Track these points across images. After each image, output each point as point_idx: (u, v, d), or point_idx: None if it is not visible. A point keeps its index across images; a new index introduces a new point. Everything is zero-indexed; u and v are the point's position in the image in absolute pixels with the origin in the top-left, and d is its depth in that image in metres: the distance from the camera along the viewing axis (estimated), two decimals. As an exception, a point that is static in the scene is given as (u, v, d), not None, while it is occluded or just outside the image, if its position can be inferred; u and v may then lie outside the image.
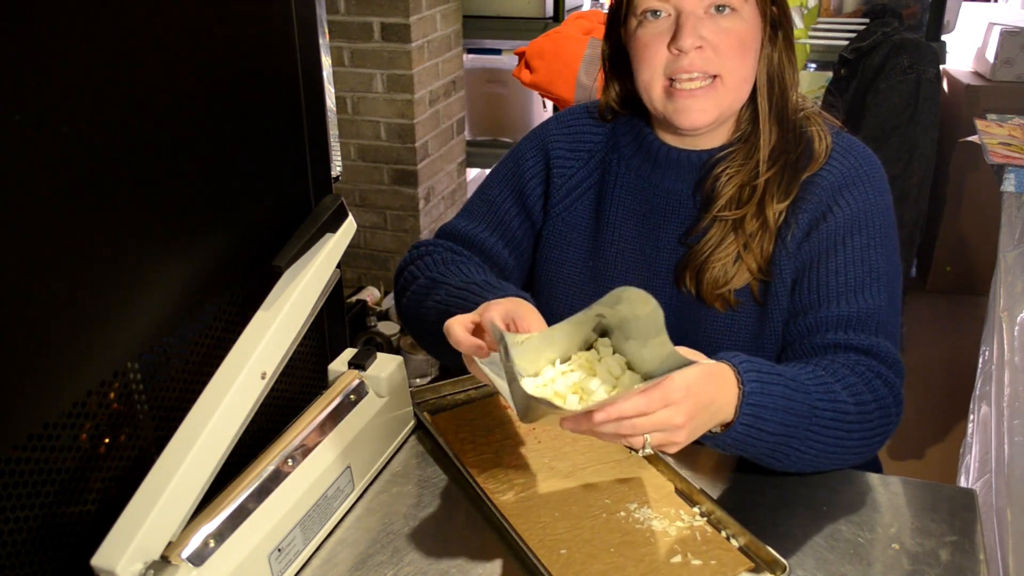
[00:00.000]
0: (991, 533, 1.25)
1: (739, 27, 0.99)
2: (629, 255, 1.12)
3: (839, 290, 1.01)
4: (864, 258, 1.02)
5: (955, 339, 1.03)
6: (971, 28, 3.27)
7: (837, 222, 1.02)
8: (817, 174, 1.04)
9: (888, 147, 2.79)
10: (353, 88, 2.82)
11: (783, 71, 1.06)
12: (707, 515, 0.91)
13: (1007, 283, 1.81)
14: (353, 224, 0.98)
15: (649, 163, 1.11)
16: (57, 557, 0.77)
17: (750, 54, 1.02)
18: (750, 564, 0.85)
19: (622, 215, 1.12)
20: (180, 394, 0.89)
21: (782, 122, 1.05)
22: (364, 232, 3.00)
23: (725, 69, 1.00)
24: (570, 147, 1.17)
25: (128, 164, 0.79)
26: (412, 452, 1.06)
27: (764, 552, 0.85)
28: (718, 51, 0.99)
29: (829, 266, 1.02)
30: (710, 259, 1.04)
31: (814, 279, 1.02)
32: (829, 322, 1.00)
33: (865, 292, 1.00)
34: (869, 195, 1.04)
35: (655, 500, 0.94)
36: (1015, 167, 2.12)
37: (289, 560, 0.86)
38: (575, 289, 1.15)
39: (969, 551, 0.87)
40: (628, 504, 0.93)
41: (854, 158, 1.06)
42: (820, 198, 1.03)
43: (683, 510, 0.93)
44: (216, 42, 0.88)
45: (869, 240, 1.02)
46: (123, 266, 0.80)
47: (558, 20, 3.26)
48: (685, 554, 0.86)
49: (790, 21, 1.05)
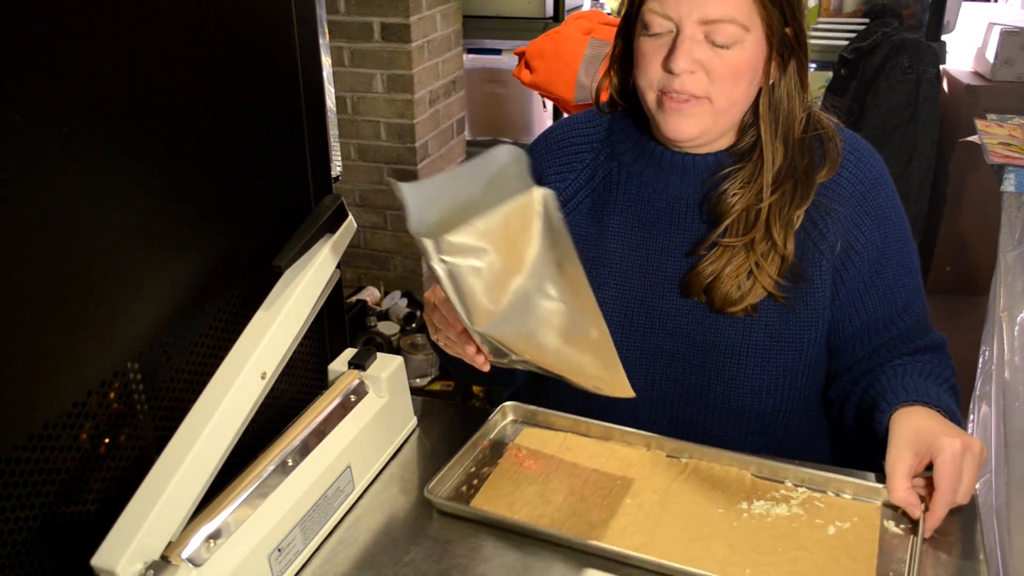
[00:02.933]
0: (991, 533, 1.25)
1: (737, 56, 0.98)
2: (634, 263, 1.10)
3: (900, 306, 1.07)
4: (906, 265, 1.08)
5: (955, 339, 1.03)
6: (971, 28, 3.27)
7: (872, 235, 1.05)
8: (835, 180, 1.05)
9: (888, 147, 2.79)
10: (353, 88, 2.82)
11: (791, 99, 1.03)
12: (801, 483, 0.94)
13: (1007, 283, 1.81)
14: (353, 224, 0.98)
15: (652, 168, 1.10)
16: (57, 557, 0.77)
17: (745, 81, 1.00)
18: (878, 507, 0.91)
19: (626, 222, 1.10)
20: (180, 394, 0.89)
21: (788, 144, 1.04)
22: (364, 232, 3.00)
23: (717, 93, 0.99)
24: (561, 160, 1.16)
25: (128, 164, 0.79)
26: (412, 452, 1.06)
27: (876, 492, 0.92)
28: (712, 76, 0.98)
29: (884, 284, 1.06)
30: (720, 277, 1.03)
31: (874, 300, 1.06)
32: (898, 339, 1.07)
33: (917, 297, 1.08)
34: (887, 197, 1.07)
35: (751, 491, 0.94)
36: (1015, 167, 2.12)
37: (289, 560, 0.86)
38: None
39: (969, 551, 0.87)
40: (738, 505, 0.92)
41: (865, 161, 1.07)
42: (844, 208, 1.04)
43: (782, 489, 0.94)
44: (216, 42, 0.88)
45: (900, 243, 1.07)
46: (123, 266, 0.80)
47: (558, 20, 3.26)
48: (831, 523, 0.89)
49: (805, 47, 1.02)
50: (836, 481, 0.93)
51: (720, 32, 0.96)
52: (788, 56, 1.02)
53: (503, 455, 1.02)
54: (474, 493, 0.95)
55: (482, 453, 1.03)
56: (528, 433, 1.06)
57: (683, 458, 0.99)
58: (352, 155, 2.91)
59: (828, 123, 1.07)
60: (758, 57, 0.99)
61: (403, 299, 2.99)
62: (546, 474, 0.98)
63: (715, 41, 0.97)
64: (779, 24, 0.99)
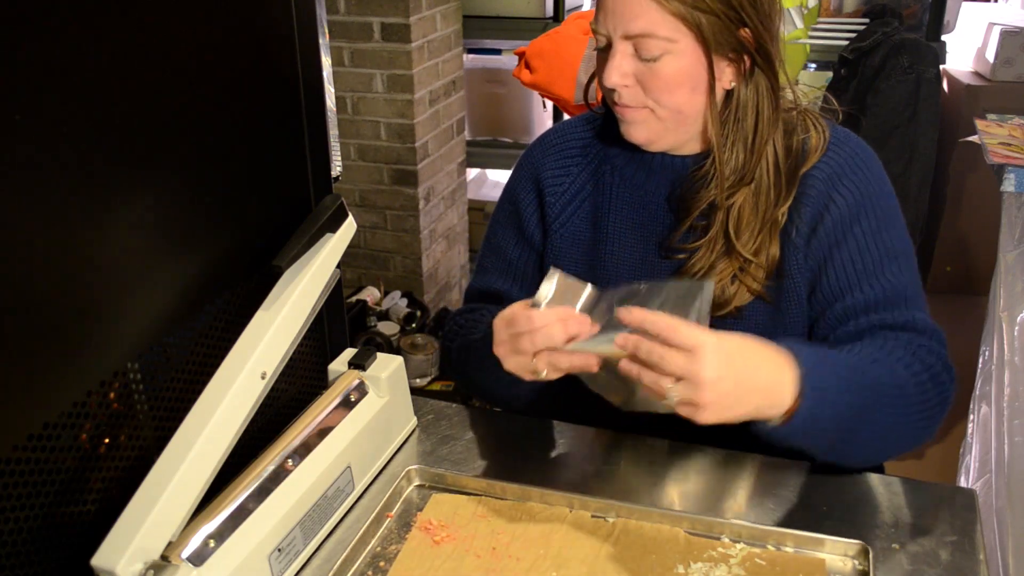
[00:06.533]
0: (991, 533, 1.25)
1: (668, 67, 0.95)
2: (629, 265, 1.10)
3: (860, 275, 1.00)
4: (876, 240, 1.01)
5: (955, 339, 1.02)
6: (971, 28, 3.27)
7: (840, 212, 1.01)
8: (814, 167, 1.03)
9: (888, 147, 2.79)
10: (353, 88, 2.82)
11: (760, 101, 0.99)
12: (739, 539, 0.89)
13: (1007, 283, 1.81)
14: (353, 224, 0.98)
15: (643, 171, 1.09)
16: (57, 557, 0.77)
17: (684, 90, 0.97)
18: (823, 560, 0.86)
19: (621, 225, 1.11)
20: (180, 394, 0.89)
21: (754, 146, 1.01)
22: (364, 232, 2.99)
23: (655, 103, 0.99)
24: (558, 163, 1.16)
25: (128, 164, 0.79)
26: (412, 452, 1.06)
27: (819, 543, 0.87)
28: (645, 88, 0.98)
29: (843, 255, 1.01)
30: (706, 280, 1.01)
31: (831, 272, 1.01)
32: (858, 307, 1.00)
33: (886, 271, 1.00)
34: (866, 180, 1.03)
35: (686, 552, 0.88)
36: (1015, 167, 2.12)
37: (289, 560, 0.86)
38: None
39: (969, 551, 0.87)
40: (674, 570, 0.86)
41: (848, 148, 1.04)
42: (818, 191, 1.02)
43: (719, 546, 0.88)
44: (216, 42, 0.88)
45: (878, 223, 1.02)
46: (123, 266, 0.80)
47: (558, 20, 3.25)
48: None
49: (768, 47, 0.97)
50: (775, 534, 0.89)
51: (644, 46, 0.95)
52: (749, 58, 0.98)
53: (411, 529, 0.93)
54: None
55: (387, 529, 0.93)
56: (437, 500, 0.96)
57: (609, 518, 0.92)
58: (352, 155, 2.91)
59: (821, 122, 1.06)
60: (695, 64, 0.96)
61: (403, 299, 2.98)
62: (460, 550, 0.89)
63: (642, 55, 0.96)
64: (722, 29, 0.95)
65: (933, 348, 0.97)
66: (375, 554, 0.90)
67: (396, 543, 0.91)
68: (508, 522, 0.93)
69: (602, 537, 0.90)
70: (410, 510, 0.96)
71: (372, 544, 0.91)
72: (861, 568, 0.86)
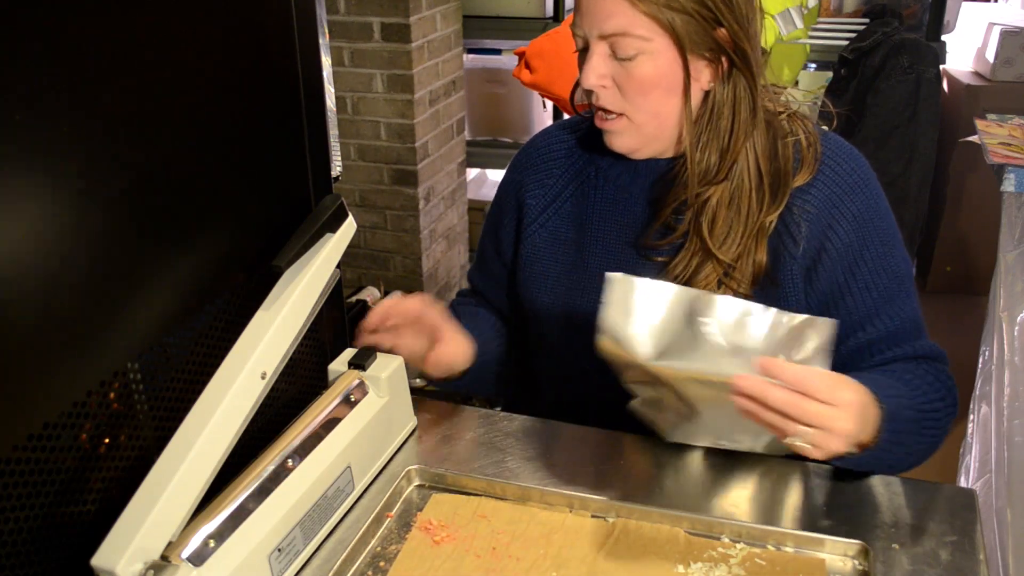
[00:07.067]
0: (991, 533, 1.26)
1: (643, 67, 0.95)
2: (614, 267, 1.09)
3: (877, 304, 1.03)
4: (885, 267, 1.03)
5: (955, 339, 1.03)
6: (971, 28, 3.27)
7: (846, 239, 1.02)
8: (810, 184, 1.02)
9: (888, 147, 2.79)
10: (353, 88, 2.82)
11: (738, 102, 0.99)
12: (739, 539, 0.89)
13: (1007, 283, 1.81)
14: (353, 224, 0.98)
15: (628, 173, 1.09)
16: (57, 557, 0.77)
17: (659, 91, 0.97)
18: (823, 560, 0.87)
19: (605, 226, 1.10)
20: (180, 394, 0.89)
21: (728, 150, 1.00)
22: (364, 232, 2.99)
23: (630, 107, 0.99)
24: (544, 165, 1.16)
25: (128, 163, 0.79)
26: (412, 452, 1.06)
27: (825, 545, 0.88)
28: (622, 90, 0.98)
29: (858, 285, 1.03)
30: (692, 285, 1.00)
31: (846, 304, 1.03)
32: (877, 342, 1.03)
33: (898, 300, 1.04)
34: (866, 201, 1.03)
35: (686, 552, 0.88)
36: (1015, 167, 2.12)
37: (289, 560, 0.86)
38: (560, 301, 1.13)
39: (969, 551, 0.87)
40: (674, 570, 0.86)
41: (845, 164, 1.04)
42: (819, 210, 1.02)
43: (719, 546, 0.88)
44: (216, 42, 0.88)
45: (883, 247, 1.03)
46: (123, 266, 0.80)
47: (558, 20, 3.26)
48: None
49: (747, 47, 0.96)
50: (775, 534, 0.89)
51: (620, 46, 0.95)
52: (727, 59, 0.97)
53: (411, 529, 0.93)
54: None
55: (387, 529, 0.93)
56: (437, 500, 0.96)
57: (609, 518, 0.92)
58: (352, 155, 2.91)
59: (810, 128, 1.05)
60: (671, 65, 0.96)
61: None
62: (460, 550, 0.89)
63: (618, 55, 0.96)
64: (696, 29, 0.94)
65: (944, 373, 1.03)
66: (375, 554, 0.90)
67: (396, 543, 0.91)
68: (508, 522, 0.93)
69: (602, 537, 0.90)
70: (410, 510, 0.96)
71: (372, 544, 0.91)
72: (861, 568, 0.86)
